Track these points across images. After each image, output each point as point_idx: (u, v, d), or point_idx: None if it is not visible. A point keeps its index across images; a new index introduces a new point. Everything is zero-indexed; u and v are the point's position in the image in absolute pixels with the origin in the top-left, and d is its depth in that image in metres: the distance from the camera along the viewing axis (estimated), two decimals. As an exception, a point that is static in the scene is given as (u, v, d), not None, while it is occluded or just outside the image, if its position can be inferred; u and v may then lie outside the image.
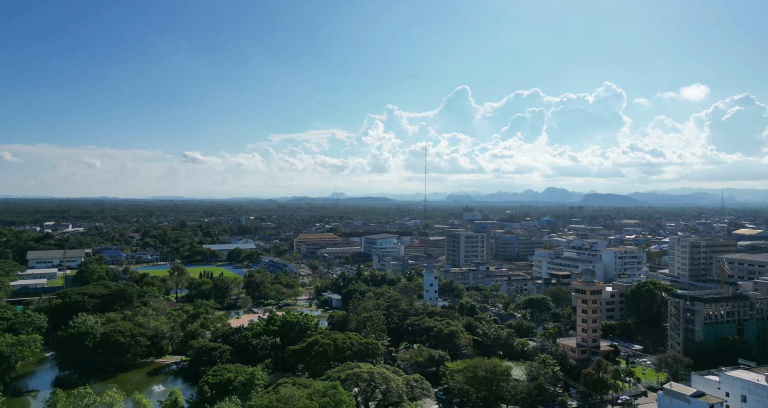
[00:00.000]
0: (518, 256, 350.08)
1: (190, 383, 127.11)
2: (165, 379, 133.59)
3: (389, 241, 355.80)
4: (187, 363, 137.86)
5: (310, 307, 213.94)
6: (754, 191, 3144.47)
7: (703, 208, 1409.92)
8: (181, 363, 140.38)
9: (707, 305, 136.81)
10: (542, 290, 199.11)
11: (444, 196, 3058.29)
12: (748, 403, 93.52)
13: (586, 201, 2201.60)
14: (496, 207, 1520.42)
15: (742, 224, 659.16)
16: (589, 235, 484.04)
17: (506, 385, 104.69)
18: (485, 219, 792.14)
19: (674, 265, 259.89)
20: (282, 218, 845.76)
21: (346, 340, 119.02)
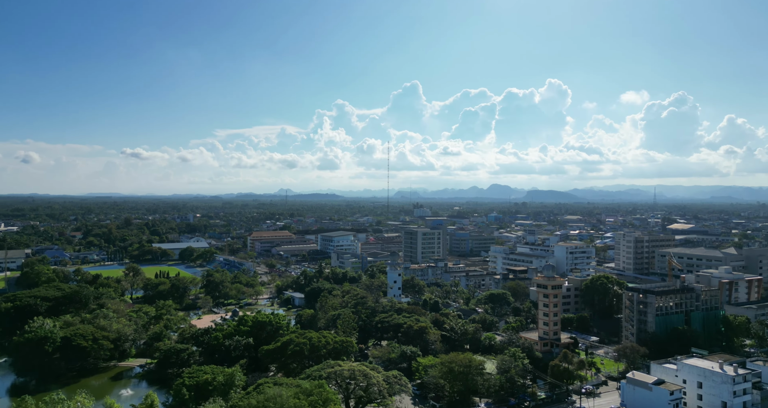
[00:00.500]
0: (471, 252, 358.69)
1: (159, 386, 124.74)
2: (130, 382, 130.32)
3: (346, 239, 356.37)
4: (153, 366, 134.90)
5: (272, 306, 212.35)
6: (682, 188, 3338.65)
7: (637, 204, 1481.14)
8: (146, 366, 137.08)
9: (658, 298, 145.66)
10: (501, 285, 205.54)
11: (392, 193, 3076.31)
12: (704, 388, 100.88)
13: (528, 197, 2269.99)
14: (443, 203, 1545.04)
15: (674, 219, 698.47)
16: (536, 230, 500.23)
17: (480, 379, 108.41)
18: (435, 215, 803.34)
19: (620, 259, 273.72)
20: (230, 216, 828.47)
21: (321, 339, 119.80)
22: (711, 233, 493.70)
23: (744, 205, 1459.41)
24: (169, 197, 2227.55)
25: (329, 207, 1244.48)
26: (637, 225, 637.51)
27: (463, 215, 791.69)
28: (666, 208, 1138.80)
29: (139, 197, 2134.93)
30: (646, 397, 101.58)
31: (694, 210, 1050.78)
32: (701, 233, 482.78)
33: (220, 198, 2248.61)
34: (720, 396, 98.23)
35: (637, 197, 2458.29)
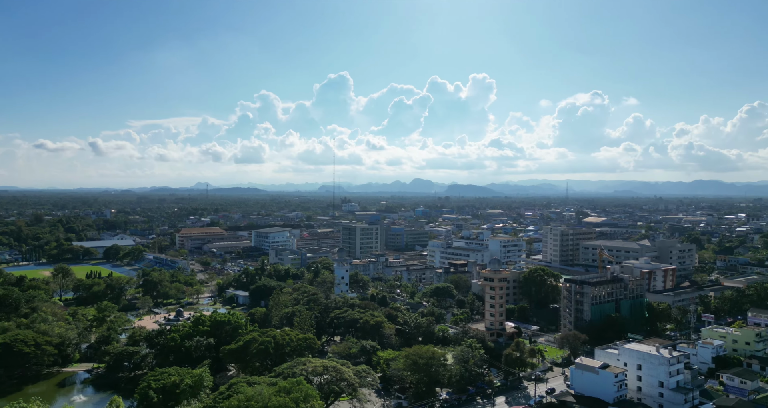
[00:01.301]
0: (407, 246, 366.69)
1: (112, 391, 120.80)
2: (79, 388, 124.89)
3: (282, 235, 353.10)
4: (102, 370, 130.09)
5: (214, 305, 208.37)
6: (589, 182, 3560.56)
7: (550, 198, 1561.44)
8: (94, 370, 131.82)
9: (593, 288, 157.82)
10: (443, 279, 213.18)
11: (316, 187, 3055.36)
12: (643, 370, 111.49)
13: (449, 191, 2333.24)
14: (369, 198, 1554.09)
15: (586, 213, 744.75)
16: (464, 224, 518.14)
17: (442, 370, 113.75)
18: (363, 210, 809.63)
19: (547, 251, 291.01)
20: (149, 211, 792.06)
21: (284, 337, 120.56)
22: (620, 226, 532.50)
23: (643, 199, 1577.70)
24: (75, 191, 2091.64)
25: (253, 201, 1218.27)
26: (554, 218, 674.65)
27: (391, 210, 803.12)
28: (577, 202, 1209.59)
29: (40, 191, 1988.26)
30: (594, 380, 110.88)
31: (601, 204, 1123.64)
32: (612, 226, 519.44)
33: (132, 192, 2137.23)
34: (657, 376, 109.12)
35: (550, 191, 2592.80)
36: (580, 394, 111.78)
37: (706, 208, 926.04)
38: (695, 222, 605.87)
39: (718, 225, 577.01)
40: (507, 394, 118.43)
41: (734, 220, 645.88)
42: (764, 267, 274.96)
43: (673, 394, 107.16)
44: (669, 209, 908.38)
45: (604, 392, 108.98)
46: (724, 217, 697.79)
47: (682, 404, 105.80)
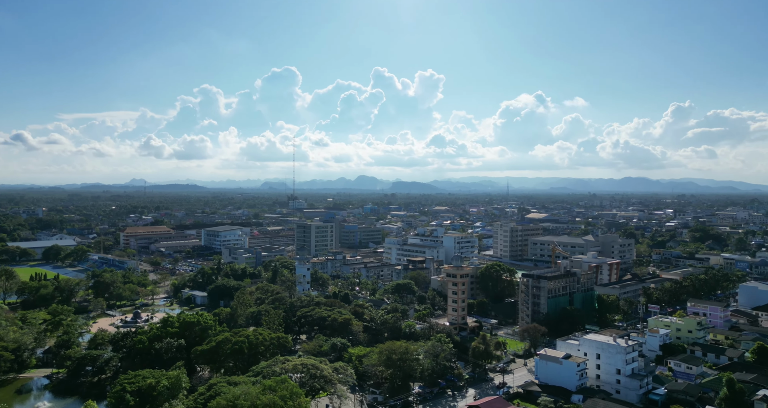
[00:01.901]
0: (360, 244, 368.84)
1: (77, 397, 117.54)
2: (37, 395, 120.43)
3: (233, 234, 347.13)
4: (63, 375, 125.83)
5: (171, 306, 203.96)
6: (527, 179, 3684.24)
7: (492, 195, 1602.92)
8: (55, 376, 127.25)
9: (550, 282, 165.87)
10: (402, 276, 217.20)
11: (259, 184, 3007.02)
12: (602, 359, 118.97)
13: (393, 188, 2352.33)
14: (315, 195, 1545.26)
15: (527, 209, 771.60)
16: (413, 221, 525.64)
17: (415, 365, 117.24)
18: (311, 208, 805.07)
19: (497, 247, 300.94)
20: (84, 209, 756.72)
21: (258, 336, 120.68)
22: (561, 221, 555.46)
23: (578, 195, 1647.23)
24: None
25: (194, 199, 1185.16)
26: (498, 214, 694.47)
27: (339, 207, 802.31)
28: (517, 199, 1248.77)
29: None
30: (557, 370, 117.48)
31: (539, 200, 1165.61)
32: (553, 221, 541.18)
33: (61, 189, 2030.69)
34: (615, 364, 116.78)
35: (490, 188, 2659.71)
36: (545, 383, 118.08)
37: (636, 204, 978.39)
38: (629, 217, 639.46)
39: (649, 220, 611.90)
40: (475, 386, 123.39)
41: (663, 216, 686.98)
42: (695, 260, 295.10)
43: (629, 381, 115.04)
44: (603, 205, 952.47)
45: (568, 381, 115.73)
46: (653, 213, 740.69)
47: (638, 389, 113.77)
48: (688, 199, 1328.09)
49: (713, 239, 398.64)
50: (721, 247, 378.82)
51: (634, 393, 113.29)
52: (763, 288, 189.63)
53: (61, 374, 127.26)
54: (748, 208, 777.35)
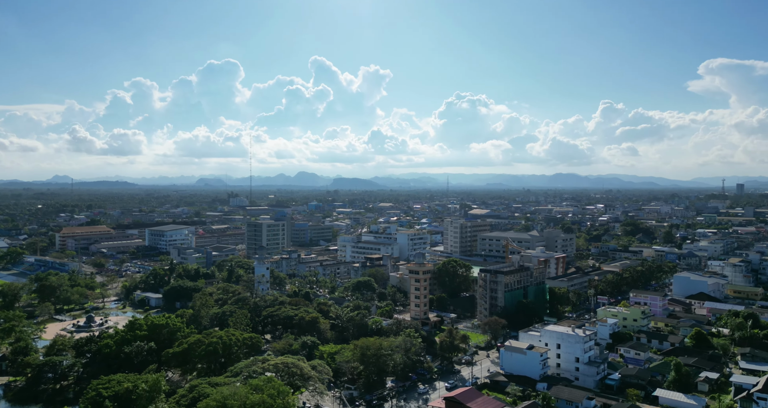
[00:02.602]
0: (311, 242, 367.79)
1: (40, 405, 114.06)
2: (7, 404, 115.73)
3: (180, 233, 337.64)
4: (21, 383, 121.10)
5: (123, 309, 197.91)
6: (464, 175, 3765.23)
7: (432, 191, 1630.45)
8: (11, 384, 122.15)
9: (506, 277, 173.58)
10: (360, 273, 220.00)
11: (194, 180, 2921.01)
12: (562, 348, 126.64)
13: (334, 185, 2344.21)
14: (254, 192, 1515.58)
15: (469, 205, 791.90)
16: (360, 218, 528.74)
17: (389, 360, 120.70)
18: (253, 205, 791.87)
19: (447, 243, 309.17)
20: (5, 208, 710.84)
21: (231, 337, 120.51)
22: (502, 217, 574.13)
23: (513, 191, 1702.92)
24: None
25: (127, 197, 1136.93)
26: (441, 210, 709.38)
27: (282, 204, 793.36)
28: (457, 195, 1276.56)
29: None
30: (522, 360, 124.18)
31: (478, 196, 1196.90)
32: (495, 217, 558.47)
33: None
34: (574, 353, 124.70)
35: (430, 184, 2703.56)
36: (510, 373, 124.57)
37: (569, 200, 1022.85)
38: (564, 212, 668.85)
39: (583, 215, 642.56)
40: (444, 378, 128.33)
41: (594, 210, 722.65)
42: (630, 252, 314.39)
43: (587, 368, 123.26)
44: (539, 201, 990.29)
45: (531, 370, 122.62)
46: (586, 208, 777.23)
47: (595, 376, 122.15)
48: (615, 194, 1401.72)
49: (643, 233, 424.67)
50: (650, 240, 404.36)
51: (592, 379, 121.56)
52: (694, 278, 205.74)
53: (19, 382, 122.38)
54: (670, 203, 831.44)
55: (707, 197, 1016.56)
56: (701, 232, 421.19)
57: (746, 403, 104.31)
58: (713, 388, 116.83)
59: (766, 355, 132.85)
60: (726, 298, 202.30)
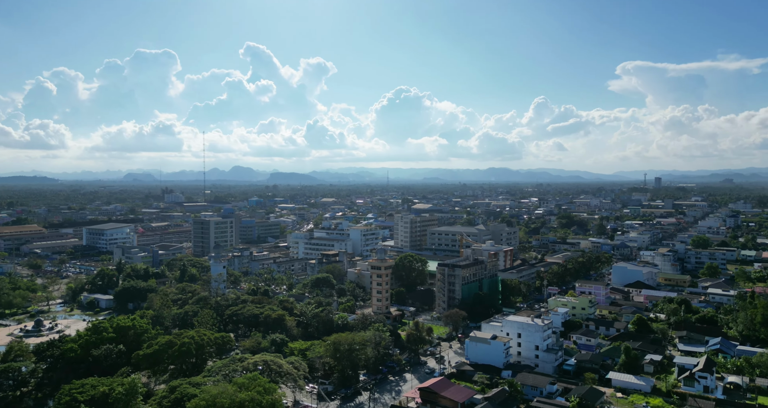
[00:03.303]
0: (259, 239, 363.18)
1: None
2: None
3: (121, 232, 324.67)
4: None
5: (71, 311, 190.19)
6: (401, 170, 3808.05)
7: (372, 186, 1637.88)
8: None
9: (463, 270, 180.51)
10: (318, 269, 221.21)
11: (121, 175, 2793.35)
12: (522, 337, 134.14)
13: (271, 180, 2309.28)
14: (188, 187, 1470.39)
15: (411, 200, 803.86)
16: (305, 214, 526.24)
17: (361, 354, 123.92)
18: (189, 201, 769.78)
19: (398, 237, 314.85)
20: None
21: (203, 337, 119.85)
22: (444, 211, 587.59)
23: (450, 185, 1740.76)
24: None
25: (50, 193, 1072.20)
26: (384, 205, 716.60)
27: (220, 200, 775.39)
28: (396, 189, 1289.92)
29: None
30: (486, 349, 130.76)
31: (417, 190, 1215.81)
32: (437, 211, 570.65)
33: None
34: (534, 342, 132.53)
35: (368, 178, 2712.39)
36: (475, 362, 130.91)
37: (504, 193, 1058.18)
38: (501, 206, 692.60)
39: (519, 208, 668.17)
40: (413, 370, 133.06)
41: (529, 204, 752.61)
42: (568, 244, 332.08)
43: (546, 355, 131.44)
44: (476, 195, 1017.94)
45: (496, 359, 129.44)
46: (521, 201, 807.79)
47: (553, 362, 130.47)
48: (545, 187, 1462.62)
49: (577, 225, 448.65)
50: (584, 231, 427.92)
51: (550, 365, 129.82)
52: (631, 268, 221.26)
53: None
54: (597, 196, 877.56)
55: (630, 190, 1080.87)
56: (629, 224, 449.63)
57: (689, 381, 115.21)
58: (657, 370, 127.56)
59: (700, 337, 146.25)
60: (658, 285, 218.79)
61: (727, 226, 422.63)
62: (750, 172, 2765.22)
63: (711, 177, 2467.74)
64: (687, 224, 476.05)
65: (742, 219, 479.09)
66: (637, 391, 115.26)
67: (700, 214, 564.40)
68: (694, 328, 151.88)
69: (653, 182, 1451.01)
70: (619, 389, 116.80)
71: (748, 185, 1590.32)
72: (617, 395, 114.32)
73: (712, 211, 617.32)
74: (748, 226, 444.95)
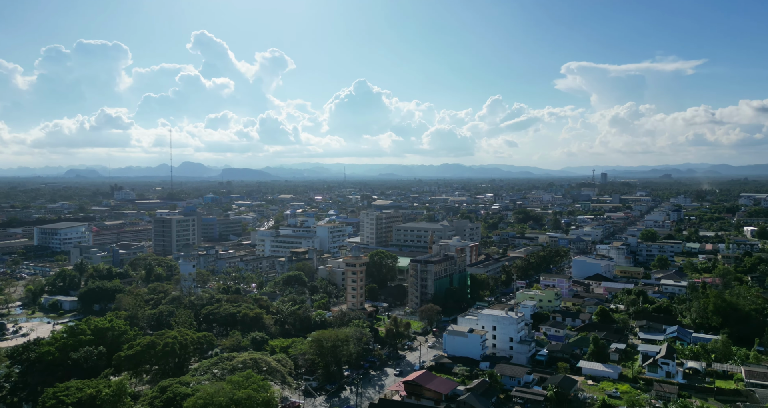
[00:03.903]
0: (220, 237, 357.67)
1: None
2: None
3: (75, 231, 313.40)
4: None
5: (32, 314, 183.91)
6: (356, 166, 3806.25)
7: (329, 181, 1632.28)
8: None
9: (435, 266, 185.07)
10: (287, 267, 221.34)
11: (62, 171, 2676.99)
12: (497, 330, 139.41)
13: (223, 175, 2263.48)
14: (137, 183, 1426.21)
15: (369, 196, 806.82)
16: (264, 211, 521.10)
17: (345, 350, 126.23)
18: (141, 198, 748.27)
19: (364, 233, 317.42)
20: None
21: (185, 337, 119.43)
22: (403, 207, 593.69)
23: (405, 181, 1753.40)
24: None
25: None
26: (342, 201, 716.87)
27: (173, 197, 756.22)
28: (353, 185, 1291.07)
29: None
30: (464, 342, 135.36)
31: (374, 186, 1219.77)
32: (397, 207, 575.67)
33: None
34: (508, 334, 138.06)
35: (324, 174, 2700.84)
36: (453, 355, 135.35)
37: (459, 189, 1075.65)
38: (459, 202, 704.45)
39: (476, 204, 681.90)
40: (393, 364, 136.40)
41: (485, 199, 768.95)
42: (526, 238, 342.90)
43: (520, 346, 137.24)
44: (432, 191, 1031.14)
45: (473, 351, 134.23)
46: (477, 197, 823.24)
47: (527, 353, 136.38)
48: (498, 183, 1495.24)
49: (533, 220, 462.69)
50: (539, 226, 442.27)
51: (524, 356, 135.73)
52: (590, 261, 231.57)
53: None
54: (549, 191, 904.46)
55: (578, 186, 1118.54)
56: (581, 219, 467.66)
57: (652, 368, 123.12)
58: (622, 357, 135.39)
59: (658, 326, 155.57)
60: (615, 277, 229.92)
61: (671, 219, 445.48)
62: (686, 168, 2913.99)
63: (651, 172, 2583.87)
64: (634, 218, 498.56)
65: (684, 213, 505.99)
66: (606, 378, 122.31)
67: (645, 208, 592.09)
68: (651, 318, 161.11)
69: (599, 178, 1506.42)
70: (590, 377, 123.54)
71: (685, 180, 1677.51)
72: (588, 382, 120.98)
73: (656, 205, 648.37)
74: (690, 220, 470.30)
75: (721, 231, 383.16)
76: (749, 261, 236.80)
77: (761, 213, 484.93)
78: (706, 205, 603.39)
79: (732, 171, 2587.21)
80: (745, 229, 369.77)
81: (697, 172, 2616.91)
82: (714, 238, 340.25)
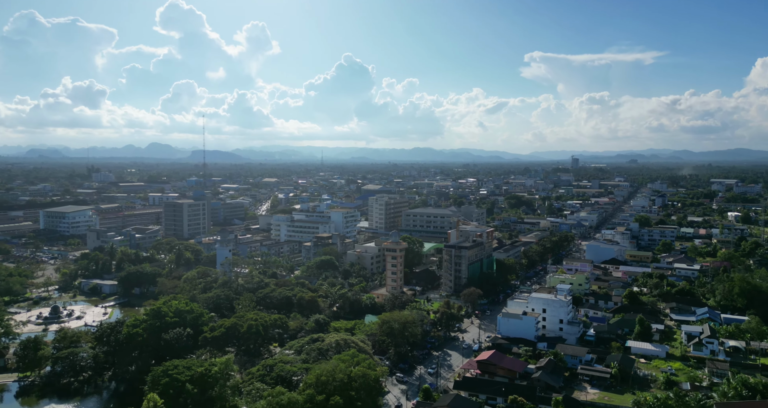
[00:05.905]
0: (225, 221, 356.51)
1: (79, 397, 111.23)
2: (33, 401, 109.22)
3: (83, 214, 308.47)
4: (40, 378, 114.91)
5: (74, 297, 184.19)
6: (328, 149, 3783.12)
7: (306, 165, 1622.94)
8: (30, 379, 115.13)
9: (469, 251, 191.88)
10: (316, 252, 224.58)
11: (23, 151, 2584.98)
12: (547, 312, 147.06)
13: (193, 157, 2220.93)
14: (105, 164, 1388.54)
15: (354, 181, 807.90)
16: (257, 195, 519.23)
17: (414, 331, 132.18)
18: (121, 181, 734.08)
19: (373, 219, 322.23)
20: None
21: (265, 319, 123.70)
22: (392, 192, 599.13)
23: (380, 165, 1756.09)
24: None
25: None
26: (328, 185, 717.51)
27: (154, 180, 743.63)
28: (329, 169, 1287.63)
29: None
30: (518, 324, 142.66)
31: (352, 170, 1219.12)
32: (388, 192, 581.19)
33: None
34: (559, 316, 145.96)
35: (295, 157, 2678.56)
36: (507, 336, 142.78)
37: (439, 174, 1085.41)
38: (445, 187, 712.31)
39: (462, 189, 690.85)
40: (449, 344, 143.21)
41: (468, 184, 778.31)
42: (528, 224, 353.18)
43: (569, 327, 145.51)
44: (412, 175, 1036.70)
45: (528, 333, 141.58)
46: (459, 182, 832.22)
47: (576, 334, 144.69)
48: (473, 168, 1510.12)
49: (525, 205, 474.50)
50: (532, 211, 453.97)
51: (574, 336, 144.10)
52: (604, 246, 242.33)
53: (34, 377, 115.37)
54: (530, 176, 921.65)
55: (554, 170, 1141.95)
56: (571, 204, 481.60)
57: (698, 347, 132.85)
58: (662, 337, 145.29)
59: (687, 308, 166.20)
60: (626, 262, 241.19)
61: (657, 205, 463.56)
62: (650, 153, 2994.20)
63: (617, 158, 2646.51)
64: (619, 203, 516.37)
65: (667, 198, 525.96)
66: (655, 357, 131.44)
67: (626, 193, 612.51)
68: (677, 300, 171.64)
69: (570, 162, 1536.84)
70: (640, 356, 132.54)
71: (651, 165, 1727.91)
72: (641, 361, 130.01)
73: (635, 190, 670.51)
74: (673, 206, 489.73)
75: (705, 216, 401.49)
76: (746, 245, 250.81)
77: (738, 199, 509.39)
78: (682, 191, 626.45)
79: (693, 156, 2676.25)
80: (729, 215, 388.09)
81: (660, 157, 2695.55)
82: (702, 223, 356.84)
